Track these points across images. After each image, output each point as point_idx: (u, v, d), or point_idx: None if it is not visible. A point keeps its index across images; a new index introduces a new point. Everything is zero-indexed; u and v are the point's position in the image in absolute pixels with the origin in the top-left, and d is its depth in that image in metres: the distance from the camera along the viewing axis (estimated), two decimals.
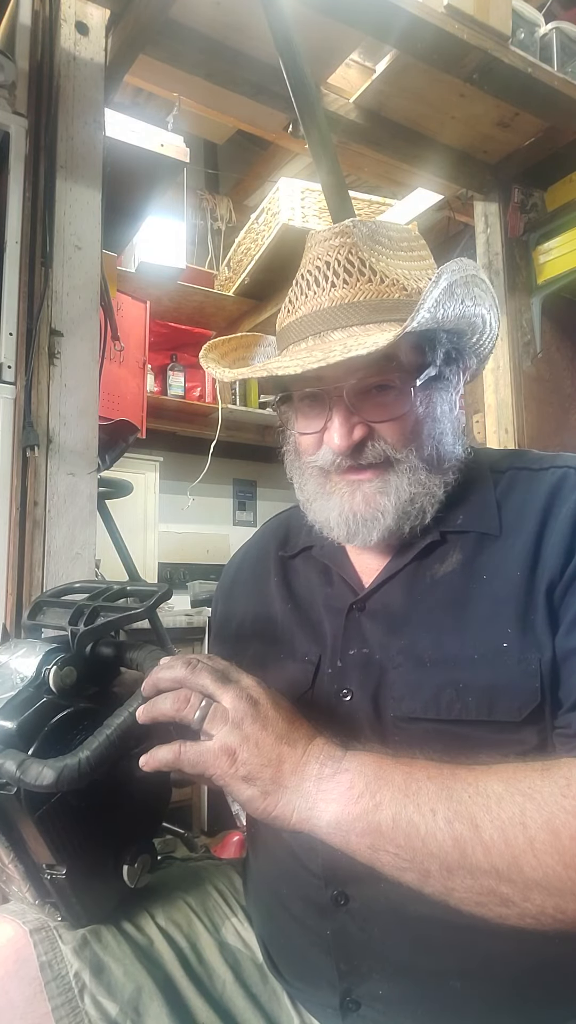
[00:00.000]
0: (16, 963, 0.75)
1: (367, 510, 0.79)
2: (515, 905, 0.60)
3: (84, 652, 0.73)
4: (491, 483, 0.84)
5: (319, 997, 0.79)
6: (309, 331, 0.79)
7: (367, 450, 0.79)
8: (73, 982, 0.75)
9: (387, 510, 0.79)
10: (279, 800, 0.65)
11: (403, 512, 0.79)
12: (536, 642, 0.71)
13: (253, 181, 3.98)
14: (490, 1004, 0.71)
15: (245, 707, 0.66)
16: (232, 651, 0.96)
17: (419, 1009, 0.73)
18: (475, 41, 1.91)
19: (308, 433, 0.83)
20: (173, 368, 3.56)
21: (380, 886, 0.64)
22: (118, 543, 2.51)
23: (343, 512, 0.81)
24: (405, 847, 0.61)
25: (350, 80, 2.21)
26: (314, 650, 0.84)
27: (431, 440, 0.80)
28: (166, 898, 0.87)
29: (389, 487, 0.79)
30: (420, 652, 0.76)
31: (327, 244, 0.81)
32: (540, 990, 0.71)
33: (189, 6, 1.82)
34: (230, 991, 0.82)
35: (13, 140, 1.60)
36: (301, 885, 0.79)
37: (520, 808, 0.60)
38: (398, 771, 0.64)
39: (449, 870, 0.60)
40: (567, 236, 2.45)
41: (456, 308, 0.76)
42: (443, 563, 0.80)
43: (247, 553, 1.07)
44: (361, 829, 0.62)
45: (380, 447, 0.79)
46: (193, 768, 0.66)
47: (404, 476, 0.79)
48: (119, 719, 0.67)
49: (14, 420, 1.53)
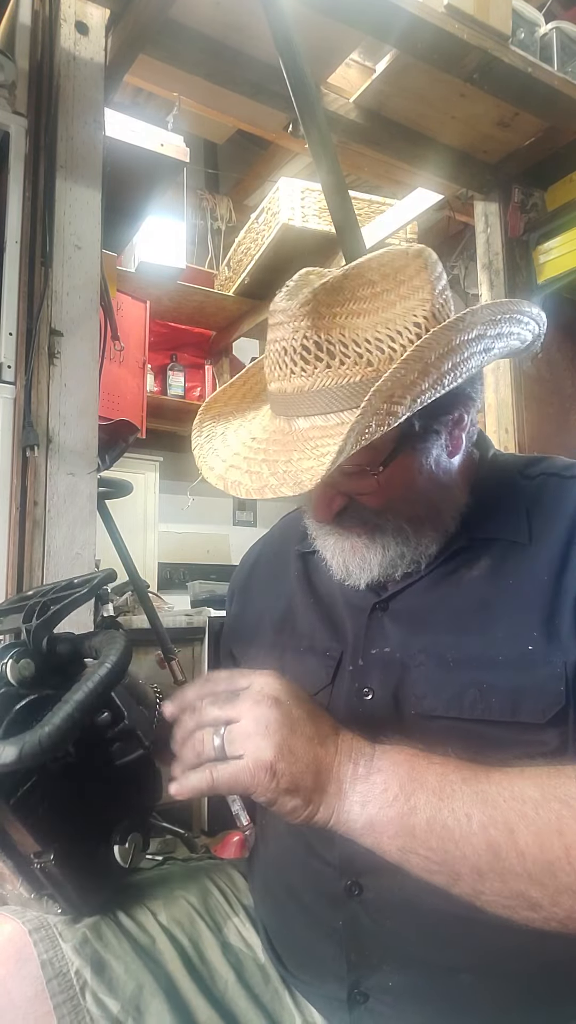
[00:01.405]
0: (17, 962, 0.75)
1: (354, 559, 0.81)
2: (543, 909, 0.59)
3: (41, 645, 0.74)
4: (520, 490, 0.84)
5: (325, 990, 0.79)
6: (279, 411, 0.78)
7: (347, 517, 0.79)
8: (74, 980, 0.75)
9: (373, 564, 0.80)
10: (320, 805, 0.64)
11: (391, 565, 0.80)
12: (561, 647, 0.71)
13: (253, 181, 3.98)
14: (500, 1000, 0.71)
15: (266, 712, 0.64)
16: (249, 643, 0.96)
17: (428, 1002, 0.73)
18: (475, 41, 1.91)
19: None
20: (173, 368, 3.56)
21: (395, 877, 0.64)
22: (118, 543, 2.50)
23: (335, 555, 0.83)
24: (437, 850, 0.61)
25: (350, 80, 2.21)
26: (335, 646, 0.84)
27: (417, 502, 0.79)
28: (167, 897, 0.87)
29: (376, 544, 0.80)
30: (443, 652, 0.76)
31: (284, 327, 0.74)
32: (550, 987, 0.71)
33: (189, 6, 1.82)
34: (232, 991, 0.82)
35: (13, 140, 1.60)
36: (314, 875, 0.79)
37: (557, 815, 0.59)
38: (431, 772, 0.63)
39: (481, 874, 0.60)
40: (567, 236, 2.45)
41: (436, 385, 0.69)
42: (470, 568, 0.80)
43: (264, 549, 1.07)
44: (394, 831, 0.62)
45: (361, 514, 0.79)
46: (231, 790, 0.64)
47: (390, 536, 0.79)
48: (78, 694, 0.66)
49: (14, 420, 1.53)
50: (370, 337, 0.71)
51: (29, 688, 0.71)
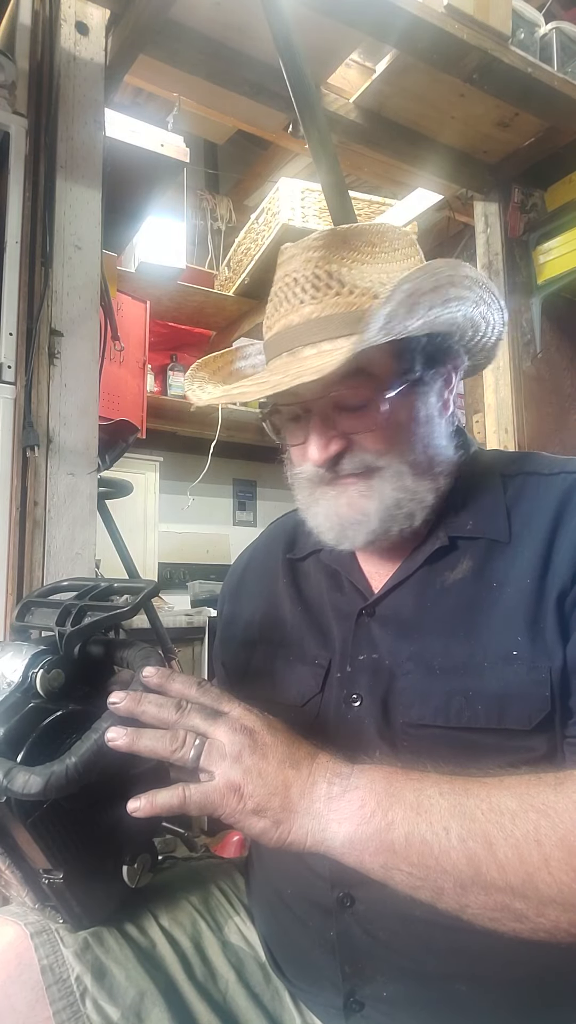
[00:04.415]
0: (18, 967, 0.75)
1: (351, 513, 0.79)
2: (529, 920, 0.59)
3: (72, 653, 0.72)
4: (501, 488, 0.83)
5: (322, 997, 0.79)
6: (283, 347, 0.79)
7: (345, 462, 0.79)
8: (75, 986, 0.75)
9: (370, 513, 0.79)
10: (292, 826, 0.63)
11: (388, 516, 0.79)
12: (546, 650, 0.71)
13: (253, 181, 3.98)
14: (495, 1008, 0.71)
15: (241, 739, 0.64)
16: (239, 653, 0.96)
17: (423, 1011, 0.73)
18: (475, 41, 1.91)
19: (293, 445, 0.84)
20: (173, 368, 3.56)
21: (387, 888, 0.64)
22: (118, 543, 2.51)
23: (329, 515, 0.81)
24: (418, 865, 0.61)
25: (350, 80, 2.21)
26: (324, 654, 0.84)
27: (416, 445, 0.80)
28: (169, 898, 0.87)
29: (373, 492, 0.79)
30: (430, 659, 0.75)
31: (296, 259, 0.80)
32: (546, 995, 0.71)
33: (189, 6, 1.82)
34: (233, 992, 0.82)
35: (13, 140, 1.60)
36: (306, 886, 0.78)
37: (535, 825, 0.59)
38: (409, 787, 0.63)
39: (463, 887, 0.60)
40: (567, 236, 2.45)
41: (427, 314, 0.73)
42: (453, 570, 0.80)
43: (254, 554, 1.06)
44: (374, 848, 0.62)
45: (360, 458, 0.79)
46: (200, 810, 0.64)
47: (388, 482, 0.79)
48: (108, 722, 0.65)
49: (14, 420, 1.53)
50: (374, 280, 0.77)
51: (56, 700, 0.70)
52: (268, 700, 0.75)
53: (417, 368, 0.79)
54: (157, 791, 0.64)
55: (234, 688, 0.70)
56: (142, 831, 0.79)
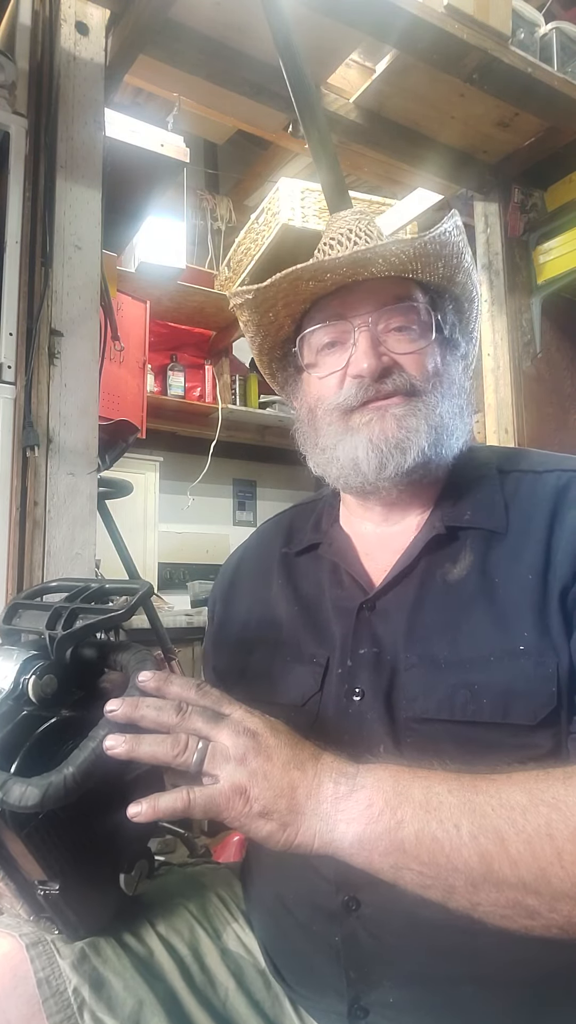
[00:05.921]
0: (13, 979, 0.73)
1: (399, 432, 0.80)
2: (542, 916, 0.59)
3: (64, 658, 0.69)
4: (498, 483, 0.84)
5: (325, 1004, 0.78)
6: (335, 271, 0.82)
7: (390, 381, 0.81)
8: (72, 998, 0.73)
9: (419, 430, 0.80)
10: (299, 828, 0.62)
11: (435, 438, 0.81)
12: (552, 645, 0.71)
13: (253, 181, 3.98)
14: (503, 1010, 0.70)
15: (244, 741, 0.63)
16: (233, 657, 0.95)
17: (429, 1016, 0.72)
18: (475, 41, 1.91)
19: (330, 374, 0.85)
20: (173, 368, 3.56)
21: (393, 891, 0.63)
22: (118, 543, 2.51)
23: (374, 439, 0.80)
24: (429, 864, 0.60)
25: (350, 80, 2.21)
26: (322, 652, 0.83)
27: (451, 389, 0.84)
28: (166, 905, 0.86)
29: (418, 410, 0.81)
30: (435, 653, 0.75)
31: (346, 219, 0.89)
32: (553, 996, 0.70)
33: (189, 6, 1.81)
34: (233, 999, 0.80)
35: (13, 140, 1.60)
36: (309, 890, 0.77)
37: (546, 819, 0.58)
38: (416, 784, 0.62)
39: (475, 885, 0.59)
40: (567, 236, 2.45)
41: (467, 249, 0.83)
42: (455, 563, 0.80)
43: (245, 554, 1.05)
44: (384, 848, 0.61)
45: (405, 376, 0.82)
46: (205, 814, 0.63)
47: (431, 406, 0.81)
48: (106, 730, 0.63)
49: (14, 420, 1.52)
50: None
51: (50, 706, 0.68)
52: (267, 702, 0.74)
53: (450, 323, 0.87)
54: (159, 795, 0.62)
55: (230, 691, 0.69)
56: (139, 836, 0.77)
